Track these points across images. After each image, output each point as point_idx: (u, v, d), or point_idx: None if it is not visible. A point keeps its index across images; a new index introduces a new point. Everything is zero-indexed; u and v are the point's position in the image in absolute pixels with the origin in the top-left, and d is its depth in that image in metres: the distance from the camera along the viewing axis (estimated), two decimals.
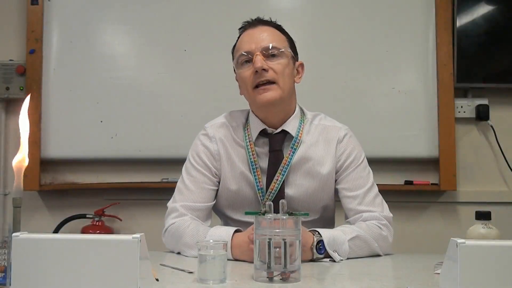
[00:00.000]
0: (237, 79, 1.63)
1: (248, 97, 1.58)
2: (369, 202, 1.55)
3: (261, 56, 1.50)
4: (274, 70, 1.51)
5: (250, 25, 1.59)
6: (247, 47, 1.53)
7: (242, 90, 1.60)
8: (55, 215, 2.77)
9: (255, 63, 1.49)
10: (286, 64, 1.54)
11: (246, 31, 1.58)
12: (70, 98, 2.72)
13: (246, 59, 1.53)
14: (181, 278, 1.14)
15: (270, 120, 1.58)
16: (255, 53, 1.51)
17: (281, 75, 1.52)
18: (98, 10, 2.74)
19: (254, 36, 1.54)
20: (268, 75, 1.50)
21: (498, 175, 2.74)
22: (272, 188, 1.54)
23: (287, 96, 1.56)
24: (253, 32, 1.56)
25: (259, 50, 1.51)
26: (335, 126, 1.63)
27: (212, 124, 1.65)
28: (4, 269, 0.98)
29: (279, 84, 1.51)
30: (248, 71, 1.52)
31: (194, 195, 1.56)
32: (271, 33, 1.56)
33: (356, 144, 1.63)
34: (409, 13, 2.69)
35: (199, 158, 1.60)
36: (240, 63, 1.56)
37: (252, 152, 1.57)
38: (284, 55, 1.54)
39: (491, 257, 0.92)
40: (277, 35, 1.57)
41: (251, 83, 1.52)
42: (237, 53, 1.57)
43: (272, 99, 1.51)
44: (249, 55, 1.52)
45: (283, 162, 1.55)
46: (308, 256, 1.35)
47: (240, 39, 1.59)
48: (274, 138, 1.58)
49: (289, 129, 1.58)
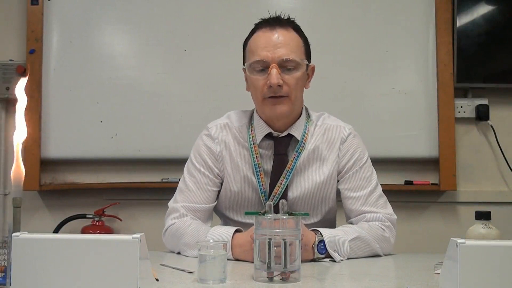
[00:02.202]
0: (246, 78, 1.58)
1: (256, 103, 1.56)
2: (373, 203, 1.53)
3: (277, 69, 1.45)
4: (289, 84, 1.47)
5: (268, 25, 1.52)
6: (264, 55, 1.47)
7: (251, 91, 1.57)
8: (55, 215, 2.77)
9: (271, 78, 1.44)
10: (300, 77, 1.50)
11: (263, 32, 1.51)
12: (70, 98, 2.72)
13: (261, 68, 1.49)
14: (181, 278, 1.14)
15: (276, 125, 1.56)
16: (271, 63, 1.46)
17: (294, 89, 1.49)
18: (98, 10, 2.74)
19: (272, 42, 1.48)
20: (283, 91, 1.47)
21: (498, 175, 2.74)
22: (276, 192, 1.52)
23: (296, 107, 1.54)
24: (271, 36, 1.49)
25: (276, 61, 1.46)
26: (338, 126, 1.61)
27: (215, 125, 1.63)
28: (4, 269, 0.98)
29: (291, 98, 1.49)
30: (262, 80, 1.48)
31: (196, 196, 1.55)
32: (289, 40, 1.50)
33: (359, 143, 1.61)
34: (409, 13, 2.69)
35: (201, 159, 1.59)
36: (253, 69, 1.50)
37: (256, 154, 1.55)
38: (300, 66, 1.49)
39: (491, 257, 0.92)
40: (294, 41, 1.51)
41: (264, 94, 1.49)
42: (252, 56, 1.51)
43: (282, 113, 1.50)
44: (264, 64, 1.48)
45: (288, 166, 1.54)
46: (309, 255, 1.35)
47: (256, 39, 1.53)
48: (279, 142, 1.56)
49: (295, 133, 1.56)
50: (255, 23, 1.57)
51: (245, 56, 1.58)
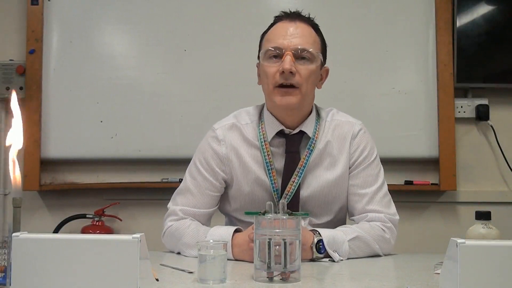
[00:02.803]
0: (258, 68, 1.56)
1: (266, 93, 1.53)
2: (377, 202, 1.52)
3: (291, 57, 1.43)
4: (301, 74, 1.45)
5: (288, 17, 1.51)
6: (279, 42, 1.46)
7: (262, 82, 1.54)
8: (55, 215, 2.77)
9: (284, 64, 1.43)
10: (313, 70, 1.49)
11: (282, 22, 1.51)
12: (70, 98, 2.72)
13: (275, 54, 1.47)
14: (181, 278, 1.14)
15: (287, 120, 1.53)
16: (286, 50, 1.45)
17: (306, 81, 1.47)
18: (98, 10, 2.74)
19: (289, 31, 1.47)
20: (294, 79, 1.45)
21: (498, 175, 2.74)
22: (289, 190, 1.50)
23: (306, 101, 1.52)
24: (289, 26, 1.48)
25: (291, 49, 1.44)
26: (348, 122, 1.60)
27: (222, 126, 1.58)
28: (4, 269, 0.98)
29: (301, 90, 1.47)
30: (274, 68, 1.46)
31: (196, 200, 1.53)
32: (307, 33, 1.49)
33: (369, 140, 1.60)
34: (409, 13, 2.69)
35: (205, 162, 1.55)
36: (267, 56, 1.48)
37: (267, 153, 1.52)
38: (314, 59, 1.48)
39: (491, 257, 0.92)
40: (312, 36, 1.51)
41: (274, 81, 1.46)
42: (267, 43, 1.49)
43: (291, 104, 1.47)
44: (279, 50, 1.46)
45: (300, 164, 1.51)
46: (308, 255, 1.35)
47: (274, 28, 1.52)
48: (291, 139, 1.53)
49: (307, 130, 1.53)
50: (275, 16, 1.56)
51: (261, 47, 1.55)
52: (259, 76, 1.56)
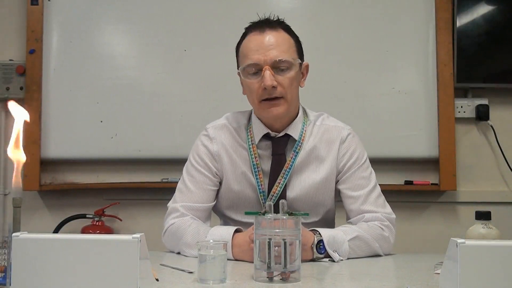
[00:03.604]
0: (241, 82, 1.59)
1: (253, 106, 1.57)
2: (372, 202, 1.54)
3: (270, 71, 1.46)
4: (283, 85, 1.48)
5: (258, 28, 1.53)
6: (256, 58, 1.48)
7: (246, 94, 1.58)
8: (55, 215, 2.77)
9: (265, 81, 1.45)
10: (294, 76, 1.51)
11: (254, 36, 1.52)
12: (70, 98, 2.72)
13: (254, 71, 1.50)
14: (181, 278, 1.14)
15: (274, 125, 1.57)
16: (263, 66, 1.47)
17: (289, 89, 1.50)
18: (98, 10, 2.74)
19: (263, 44, 1.48)
20: (277, 92, 1.48)
21: (498, 175, 2.74)
22: (274, 192, 1.53)
23: (292, 107, 1.55)
24: (261, 39, 1.49)
25: (268, 63, 1.46)
26: (337, 126, 1.62)
27: (214, 125, 1.64)
28: (4, 269, 0.98)
29: (287, 98, 1.50)
30: (256, 83, 1.49)
31: (195, 195, 1.56)
32: (280, 41, 1.50)
33: (358, 144, 1.62)
34: (409, 13, 2.69)
35: (199, 159, 1.60)
36: (247, 72, 1.51)
37: (254, 155, 1.56)
38: (292, 66, 1.50)
39: (491, 257, 0.92)
40: (286, 41, 1.52)
41: (259, 96, 1.50)
42: (244, 60, 1.52)
43: (279, 114, 1.52)
44: (257, 67, 1.48)
45: (286, 166, 1.55)
46: (308, 255, 1.35)
47: (247, 43, 1.53)
48: (277, 142, 1.57)
49: (292, 133, 1.57)
50: (245, 27, 1.58)
51: (238, 61, 1.59)
52: (242, 85, 1.60)
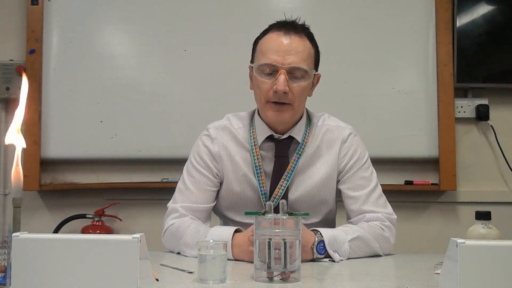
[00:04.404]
0: (250, 71, 1.57)
1: (258, 103, 1.56)
2: (373, 202, 1.54)
3: (285, 75, 1.45)
4: (294, 92, 1.47)
5: (283, 28, 1.50)
6: (274, 59, 1.46)
7: (254, 91, 1.56)
8: (55, 215, 2.77)
9: (278, 85, 1.44)
10: (306, 86, 1.50)
11: (277, 35, 1.50)
12: (70, 98, 2.72)
13: (269, 71, 1.48)
14: (181, 278, 1.14)
15: (277, 127, 1.56)
16: (280, 69, 1.45)
17: (299, 97, 1.49)
18: (98, 10, 2.74)
19: (284, 47, 1.47)
20: (287, 98, 1.47)
21: (498, 175, 2.74)
22: (277, 194, 1.53)
23: (297, 114, 1.55)
24: (284, 41, 1.48)
25: (286, 68, 1.45)
26: (339, 126, 1.61)
27: (215, 126, 1.63)
28: (4, 269, 0.98)
29: (294, 106, 1.50)
30: (268, 84, 1.48)
31: (195, 196, 1.55)
32: (301, 48, 1.48)
33: (360, 144, 1.61)
34: (409, 13, 2.69)
35: (200, 159, 1.59)
36: (261, 71, 1.49)
37: (257, 156, 1.55)
38: (308, 76, 1.49)
39: (491, 257, 0.92)
40: (307, 49, 1.50)
41: (268, 97, 1.49)
42: (261, 56, 1.50)
43: (283, 120, 1.52)
44: (273, 68, 1.47)
45: (288, 168, 1.54)
46: (308, 256, 1.35)
47: (269, 40, 1.51)
48: (280, 144, 1.56)
49: (296, 135, 1.56)
50: (270, 24, 1.56)
51: (254, 55, 1.56)
52: (251, 79, 1.58)
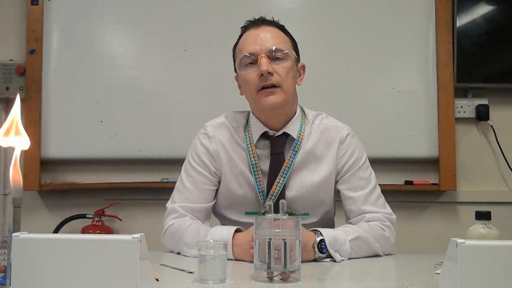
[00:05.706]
0: (237, 80, 1.61)
1: (251, 99, 1.56)
2: (372, 203, 1.54)
3: (266, 59, 1.47)
4: (279, 73, 1.49)
5: (254, 25, 1.56)
6: (251, 49, 1.50)
7: (244, 91, 1.58)
8: (55, 215, 2.77)
9: (261, 66, 1.47)
10: (290, 67, 1.52)
11: (249, 31, 1.56)
12: (70, 98, 2.72)
13: (250, 61, 1.51)
14: (181, 278, 1.14)
15: (271, 122, 1.56)
16: (259, 55, 1.48)
17: (285, 78, 1.50)
18: (98, 10, 2.74)
19: (258, 37, 1.52)
20: (274, 79, 1.48)
21: (498, 175, 2.74)
22: (274, 191, 1.53)
23: (290, 99, 1.54)
24: (257, 32, 1.53)
25: (264, 52, 1.48)
26: (337, 126, 1.61)
27: (212, 124, 1.63)
28: (4, 269, 0.98)
29: (283, 88, 1.50)
30: (253, 73, 1.50)
31: (193, 195, 1.55)
32: (275, 34, 1.53)
33: (358, 144, 1.61)
34: (409, 13, 2.69)
35: (198, 158, 1.59)
36: (243, 65, 1.53)
37: (253, 155, 1.56)
38: (288, 57, 1.51)
39: (491, 257, 0.92)
40: (281, 36, 1.55)
41: (256, 86, 1.50)
42: (240, 53, 1.54)
43: (276, 103, 1.50)
44: (253, 56, 1.50)
45: (285, 165, 1.54)
46: (310, 255, 1.35)
47: (243, 39, 1.57)
48: (275, 141, 1.57)
49: (291, 131, 1.56)
50: (241, 27, 1.60)
51: (235, 60, 1.59)
52: (240, 87, 1.61)
